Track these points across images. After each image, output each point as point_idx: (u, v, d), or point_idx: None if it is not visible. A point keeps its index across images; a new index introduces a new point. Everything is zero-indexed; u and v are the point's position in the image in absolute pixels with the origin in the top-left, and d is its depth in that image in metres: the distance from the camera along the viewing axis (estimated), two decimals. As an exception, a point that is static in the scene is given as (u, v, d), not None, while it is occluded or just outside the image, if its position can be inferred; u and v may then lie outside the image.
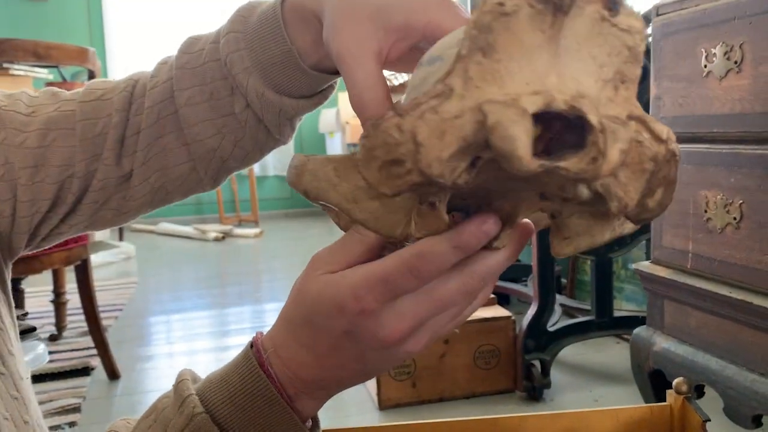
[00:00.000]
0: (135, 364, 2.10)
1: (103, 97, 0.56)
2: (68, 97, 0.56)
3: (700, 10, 1.07)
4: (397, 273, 0.33)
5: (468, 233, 0.32)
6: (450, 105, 0.27)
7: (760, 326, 1.01)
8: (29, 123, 0.54)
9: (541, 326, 1.70)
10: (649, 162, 0.28)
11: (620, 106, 0.29)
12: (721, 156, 1.05)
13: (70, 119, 0.55)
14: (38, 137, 0.54)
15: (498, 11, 0.27)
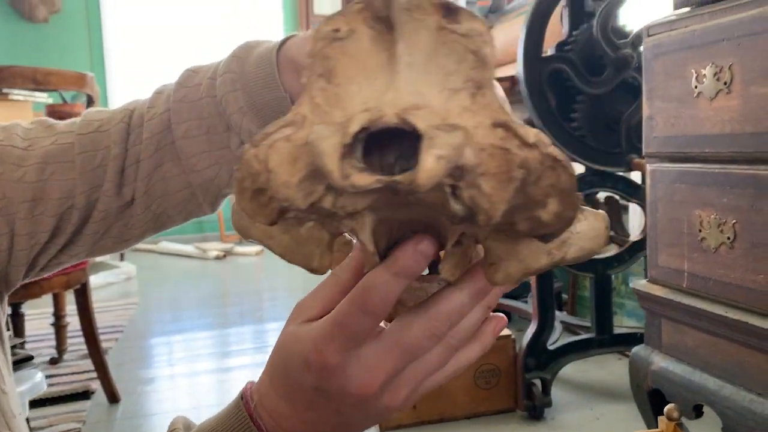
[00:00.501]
0: (136, 386, 2.09)
1: (101, 129, 0.57)
2: (64, 129, 0.57)
3: (690, 31, 1.08)
4: (348, 314, 0.33)
5: (404, 256, 0.31)
6: (302, 132, 0.28)
7: (756, 346, 1.01)
8: (27, 157, 0.55)
9: (541, 344, 1.70)
10: (518, 169, 0.26)
11: (480, 114, 0.28)
12: (713, 176, 1.06)
13: (68, 152, 0.55)
14: (37, 171, 0.54)
15: (331, 37, 0.28)
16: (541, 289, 1.68)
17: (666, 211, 1.17)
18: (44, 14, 4.60)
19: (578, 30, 1.59)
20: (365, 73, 0.28)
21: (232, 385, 2.16)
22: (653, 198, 1.20)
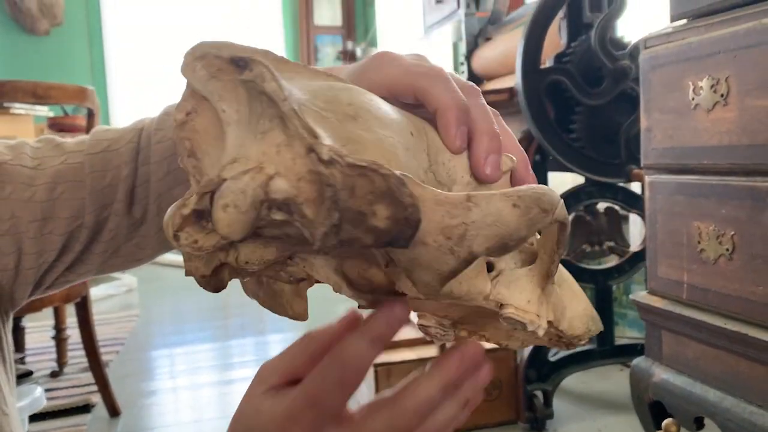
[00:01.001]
0: (137, 399, 2.09)
1: (110, 148, 0.57)
2: (74, 149, 0.57)
3: (686, 43, 1.08)
4: (323, 389, 0.32)
5: (378, 325, 0.32)
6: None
7: (756, 358, 1.00)
8: (36, 177, 0.55)
9: (543, 356, 1.70)
10: (327, 188, 0.27)
11: (294, 145, 0.29)
12: (711, 187, 1.06)
13: (78, 172, 0.56)
14: (46, 191, 0.55)
15: (184, 121, 0.32)
16: (542, 300, 1.68)
17: (665, 222, 1.17)
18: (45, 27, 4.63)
19: (576, 41, 1.59)
20: (213, 142, 0.32)
21: (233, 397, 2.16)
22: (652, 209, 1.20)
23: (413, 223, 0.28)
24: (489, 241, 0.30)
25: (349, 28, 5.40)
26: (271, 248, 0.33)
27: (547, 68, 1.57)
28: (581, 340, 0.38)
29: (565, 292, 0.37)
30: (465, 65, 2.20)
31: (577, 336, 0.37)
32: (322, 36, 5.37)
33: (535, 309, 0.34)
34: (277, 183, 0.28)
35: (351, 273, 0.34)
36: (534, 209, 0.30)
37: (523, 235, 0.30)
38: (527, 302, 0.34)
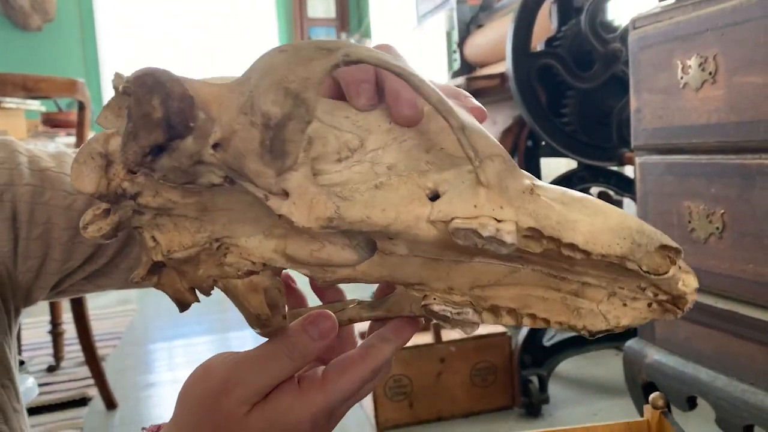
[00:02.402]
0: (135, 392, 2.09)
1: None
2: None
3: (674, 22, 1.08)
4: (353, 391, 0.38)
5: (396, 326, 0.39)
6: None
7: (747, 336, 1.01)
8: None
9: (537, 341, 1.70)
10: (126, 108, 0.32)
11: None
12: (701, 166, 1.06)
13: None
14: (85, 201, 0.56)
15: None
16: (536, 286, 1.68)
17: (656, 203, 1.17)
18: (38, 23, 4.61)
19: (567, 25, 1.59)
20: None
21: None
22: (643, 191, 1.20)
23: (186, 99, 0.30)
24: (270, 93, 0.30)
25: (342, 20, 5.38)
26: (182, 230, 0.34)
27: (538, 52, 1.57)
28: (645, 264, 0.32)
29: (575, 208, 0.33)
30: (457, 53, 2.20)
31: (622, 255, 0.32)
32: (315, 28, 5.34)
33: (487, 211, 0.31)
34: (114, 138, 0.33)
35: (300, 253, 0.35)
36: (306, 49, 0.30)
37: (301, 73, 0.30)
38: (473, 207, 0.32)
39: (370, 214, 0.32)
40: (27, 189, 0.54)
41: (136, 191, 0.33)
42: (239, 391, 0.36)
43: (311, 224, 0.32)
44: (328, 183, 0.33)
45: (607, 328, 0.35)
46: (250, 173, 0.31)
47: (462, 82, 1.67)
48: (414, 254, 0.34)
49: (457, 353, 1.68)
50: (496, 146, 0.33)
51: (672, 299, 0.34)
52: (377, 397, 1.64)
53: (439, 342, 1.66)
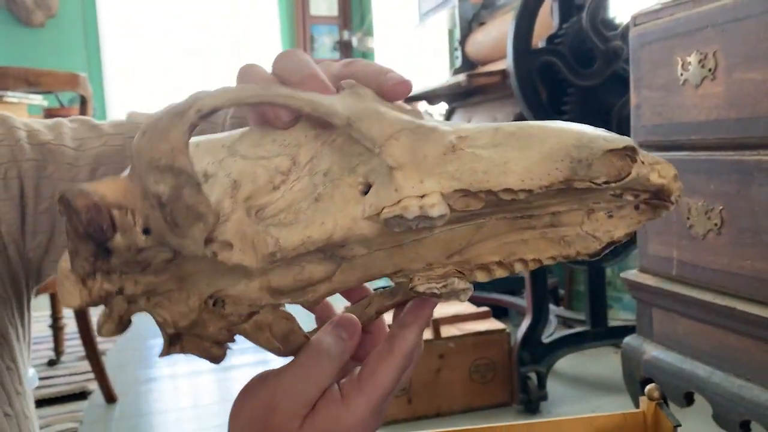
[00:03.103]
0: (133, 386, 2.10)
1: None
2: (111, 131, 0.59)
3: (675, 19, 1.08)
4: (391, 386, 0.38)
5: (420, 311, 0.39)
6: None
7: (744, 332, 1.01)
8: (79, 158, 0.56)
9: (536, 338, 1.70)
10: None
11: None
12: (700, 163, 1.06)
13: (120, 154, 0.57)
14: (89, 171, 0.56)
15: None
16: (535, 284, 1.68)
17: (655, 199, 1.17)
18: (41, 19, 4.61)
19: (568, 23, 1.59)
20: None
21: (232, 383, 2.16)
22: (642, 187, 1.20)
23: (91, 208, 0.32)
24: (150, 175, 0.31)
25: (345, 18, 5.38)
26: (176, 302, 0.36)
27: (539, 49, 1.57)
28: (600, 176, 0.30)
29: (508, 146, 0.31)
30: (459, 51, 2.20)
31: (565, 179, 0.30)
32: (318, 26, 5.34)
33: (407, 192, 0.30)
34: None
35: (285, 282, 0.35)
36: (162, 121, 0.31)
37: (164, 147, 0.30)
38: (394, 191, 0.30)
39: (310, 233, 0.32)
40: (30, 164, 0.54)
41: (118, 287, 0.34)
42: (287, 406, 0.37)
43: (262, 264, 0.32)
44: (274, 213, 0.32)
45: (602, 246, 0.33)
46: (178, 247, 0.32)
47: (463, 79, 1.67)
48: (374, 250, 0.34)
49: (455, 349, 1.68)
50: (396, 122, 0.32)
51: (655, 194, 0.32)
52: (376, 392, 1.64)
53: (439, 338, 1.67)
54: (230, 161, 0.34)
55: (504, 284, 2.47)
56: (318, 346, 0.38)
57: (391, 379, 0.37)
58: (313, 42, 5.37)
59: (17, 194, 0.54)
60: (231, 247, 0.32)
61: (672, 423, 0.61)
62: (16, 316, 0.57)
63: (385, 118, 0.32)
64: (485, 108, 1.86)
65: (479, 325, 1.76)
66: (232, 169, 0.33)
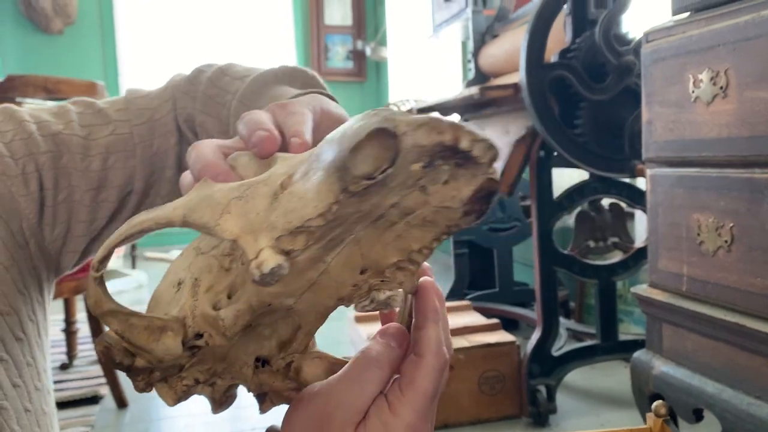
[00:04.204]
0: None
1: (154, 118, 0.61)
2: (118, 118, 0.60)
3: (687, 36, 1.09)
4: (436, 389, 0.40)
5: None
6: None
7: (754, 349, 1.01)
8: (90, 147, 0.58)
9: (546, 351, 1.70)
10: None
11: None
12: (710, 180, 1.06)
13: (128, 142, 0.59)
14: (100, 161, 0.58)
15: None
16: (545, 296, 1.68)
17: (666, 215, 1.18)
18: (59, 26, 4.68)
19: (581, 37, 1.60)
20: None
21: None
22: (653, 203, 1.21)
23: (124, 354, 0.38)
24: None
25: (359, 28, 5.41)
26: (235, 381, 0.42)
27: (552, 64, 1.58)
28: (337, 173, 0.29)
29: (311, 174, 0.31)
30: (472, 63, 2.22)
31: (338, 191, 0.29)
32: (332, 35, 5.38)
33: (252, 255, 0.31)
34: None
35: (272, 343, 0.40)
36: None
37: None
38: (248, 258, 0.31)
39: (239, 306, 0.35)
40: (47, 156, 0.55)
41: (194, 379, 0.40)
42: (340, 415, 0.37)
43: (230, 341, 0.36)
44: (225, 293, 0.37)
45: (463, 209, 0.33)
46: (155, 360, 0.37)
47: (476, 92, 1.68)
48: (299, 295, 0.35)
49: (465, 361, 1.68)
50: (224, 197, 0.33)
51: (451, 150, 0.30)
52: (385, 402, 1.65)
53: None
54: (195, 261, 0.37)
55: (515, 297, 2.47)
56: (368, 355, 0.39)
57: (430, 381, 0.38)
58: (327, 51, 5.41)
59: (37, 188, 0.55)
60: (202, 336, 0.35)
61: (678, 440, 0.62)
62: (36, 312, 0.58)
63: (213, 198, 0.33)
64: (498, 120, 1.87)
65: (489, 336, 1.76)
66: (195, 269, 0.37)
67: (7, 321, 0.54)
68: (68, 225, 0.57)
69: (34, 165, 0.55)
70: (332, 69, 5.36)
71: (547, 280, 1.68)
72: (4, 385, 0.53)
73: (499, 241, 2.49)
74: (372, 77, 5.53)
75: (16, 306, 0.55)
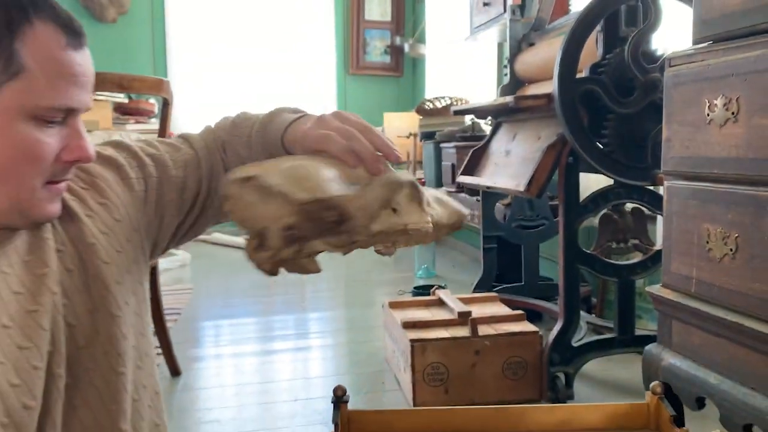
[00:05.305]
0: (191, 363, 2.30)
1: (208, 147, 0.87)
2: (192, 146, 0.87)
3: (704, 64, 1.21)
4: None
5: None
6: None
7: (752, 346, 1.14)
8: (176, 162, 0.84)
9: (566, 341, 1.84)
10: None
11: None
12: (720, 194, 1.19)
13: (195, 159, 0.85)
14: (182, 170, 0.84)
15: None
16: (568, 290, 1.82)
17: (679, 223, 1.30)
18: (113, 15, 4.89)
19: (611, 54, 1.72)
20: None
21: (274, 366, 2.35)
22: (669, 211, 1.34)
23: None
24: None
25: (398, 24, 5.54)
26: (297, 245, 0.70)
27: (582, 78, 1.70)
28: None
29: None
30: (508, 68, 2.34)
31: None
32: (371, 30, 5.52)
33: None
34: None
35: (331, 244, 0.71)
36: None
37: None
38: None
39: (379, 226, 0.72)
40: (151, 168, 0.82)
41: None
42: None
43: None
44: None
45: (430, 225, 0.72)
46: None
47: (510, 101, 1.82)
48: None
49: (491, 347, 1.83)
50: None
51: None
52: (416, 381, 1.81)
53: (476, 336, 1.82)
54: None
55: (540, 290, 2.60)
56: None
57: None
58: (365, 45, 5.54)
59: (142, 189, 0.82)
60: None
61: (670, 413, 0.76)
62: (142, 282, 0.79)
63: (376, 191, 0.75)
64: (531, 125, 2.00)
65: (514, 326, 1.90)
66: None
67: (121, 288, 0.73)
68: (162, 219, 0.82)
69: (143, 174, 0.80)
70: (370, 63, 5.50)
71: (570, 276, 1.82)
72: (123, 330, 0.73)
73: (526, 237, 2.62)
74: (408, 73, 5.66)
75: (126, 277, 0.76)
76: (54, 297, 0.68)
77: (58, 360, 0.67)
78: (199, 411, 1.89)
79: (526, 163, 1.84)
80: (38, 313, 0.66)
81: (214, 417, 1.86)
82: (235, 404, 1.96)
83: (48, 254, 0.69)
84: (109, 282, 0.73)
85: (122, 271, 0.75)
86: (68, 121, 0.67)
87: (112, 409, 0.70)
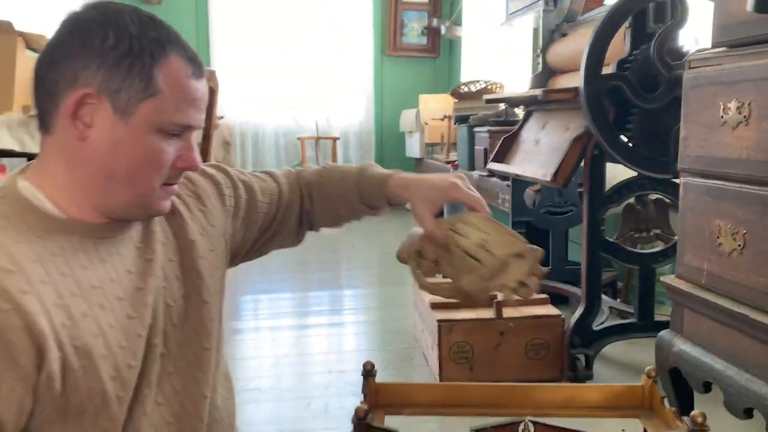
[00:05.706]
0: (230, 336, 2.45)
1: (290, 184, 1.05)
2: (276, 181, 1.04)
3: (721, 69, 1.27)
4: None
5: None
6: None
7: (755, 336, 1.21)
8: (262, 191, 1.01)
9: (587, 325, 1.93)
10: None
11: None
12: (731, 192, 1.26)
13: (278, 191, 1.03)
14: (269, 199, 1.01)
15: None
16: (590, 276, 1.90)
17: (693, 218, 1.38)
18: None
19: (638, 50, 1.78)
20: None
21: (309, 340, 2.49)
22: (684, 206, 1.41)
23: None
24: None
25: (435, 6, 5.58)
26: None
27: (608, 75, 1.76)
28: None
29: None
30: (540, 57, 2.40)
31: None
32: (408, 12, 5.57)
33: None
34: None
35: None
36: None
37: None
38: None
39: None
40: (242, 190, 0.98)
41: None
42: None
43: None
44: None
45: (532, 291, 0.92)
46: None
47: (539, 94, 1.89)
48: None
49: (515, 329, 1.93)
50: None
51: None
52: (442, 358, 1.92)
53: (500, 318, 1.92)
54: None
55: (567, 275, 2.68)
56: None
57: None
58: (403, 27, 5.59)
59: (232, 206, 0.97)
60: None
61: (661, 395, 0.85)
62: (222, 280, 0.92)
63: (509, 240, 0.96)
64: (560, 116, 2.07)
65: (538, 309, 2.00)
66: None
67: (211, 280, 0.90)
68: (245, 233, 0.99)
69: (235, 194, 0.97)
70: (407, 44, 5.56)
71: (593, 263, 1.90)
72: (211, 314, 0.90)
73: (555, 223, 2.69)
74: (445, 54, 5.70)
75: (215, 272, 0.91)
76: (157, 280, 0.81)
77: (155, 332, 0.81)
78: (239, 381, 2.04)
79: (554, 153, 1.92)
80: (144, 291, 0.79)
81: (254, 386, 2.00)
82: (273, 374, 2.11)
83: (155, 244, 0.83)
84: (204, 274, 0.87)
85: (213, 267, 0.89)
86: (184, 135, 0.79)
87: (199, 378, 0.84)
